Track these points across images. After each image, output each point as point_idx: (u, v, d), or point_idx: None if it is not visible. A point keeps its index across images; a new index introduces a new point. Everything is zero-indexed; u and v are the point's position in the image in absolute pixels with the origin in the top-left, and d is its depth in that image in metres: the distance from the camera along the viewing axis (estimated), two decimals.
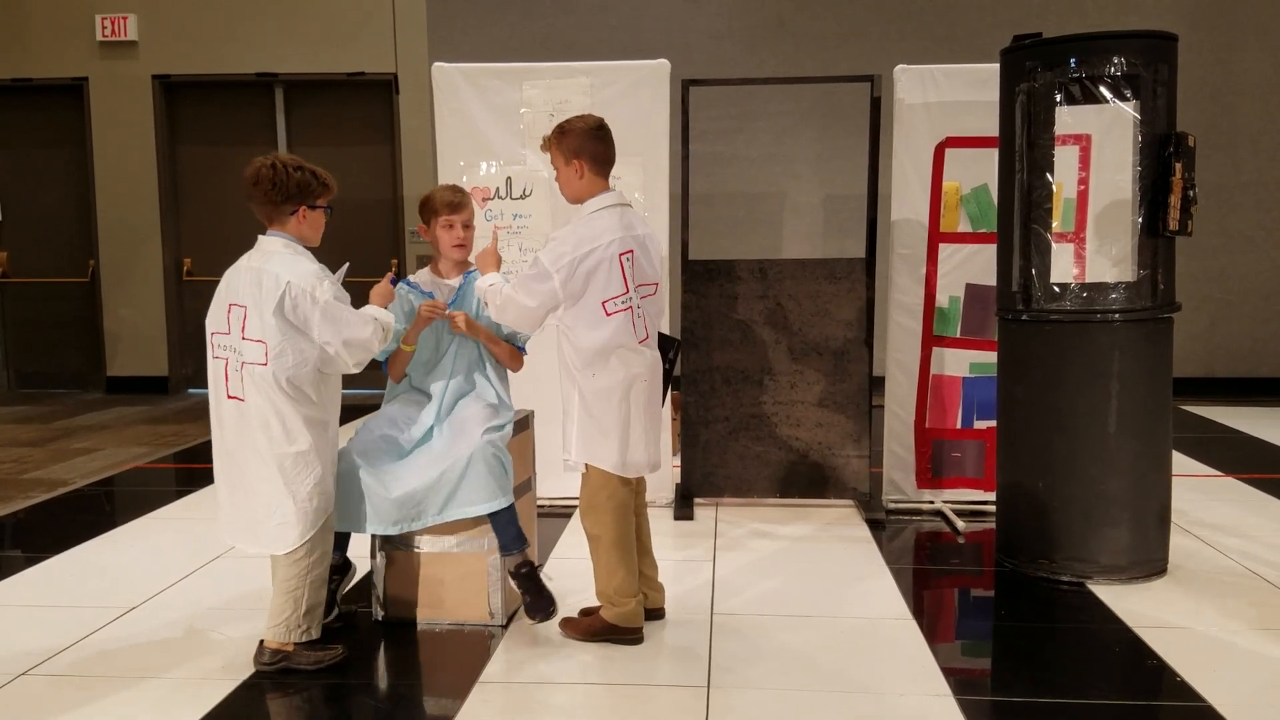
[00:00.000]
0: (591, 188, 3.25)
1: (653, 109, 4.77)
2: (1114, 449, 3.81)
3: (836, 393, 4.94)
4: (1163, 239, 3.79)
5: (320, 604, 3.17)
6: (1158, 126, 3.77)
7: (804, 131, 8.18)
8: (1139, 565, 3.88)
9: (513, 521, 3.38)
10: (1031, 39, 3.88)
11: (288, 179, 3.04)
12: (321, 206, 3.16)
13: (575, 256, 3.14)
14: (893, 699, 2.93)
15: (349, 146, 8.78)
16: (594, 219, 3.22)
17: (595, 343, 3.19)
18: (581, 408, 3.25)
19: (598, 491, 3.29)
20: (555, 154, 3.26)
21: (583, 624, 3.38)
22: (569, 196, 3.31)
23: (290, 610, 3.09)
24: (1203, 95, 7.94)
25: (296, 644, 3.11)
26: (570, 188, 3.28)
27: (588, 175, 3.24)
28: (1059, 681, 3.06)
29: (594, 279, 3.15)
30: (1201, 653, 3.22)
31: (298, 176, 3.06)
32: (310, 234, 3.17)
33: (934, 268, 4.79)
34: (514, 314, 3.27)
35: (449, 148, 4.93)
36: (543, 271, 3.16)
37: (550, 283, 3.15)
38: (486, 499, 3.32)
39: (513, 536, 3.38)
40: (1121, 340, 3.79)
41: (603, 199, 3.25)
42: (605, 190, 3.27)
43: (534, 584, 3.35)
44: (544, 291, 3.17)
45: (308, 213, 3.12)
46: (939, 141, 4.72)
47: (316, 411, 3.07)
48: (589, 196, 3.26)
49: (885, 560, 4.21)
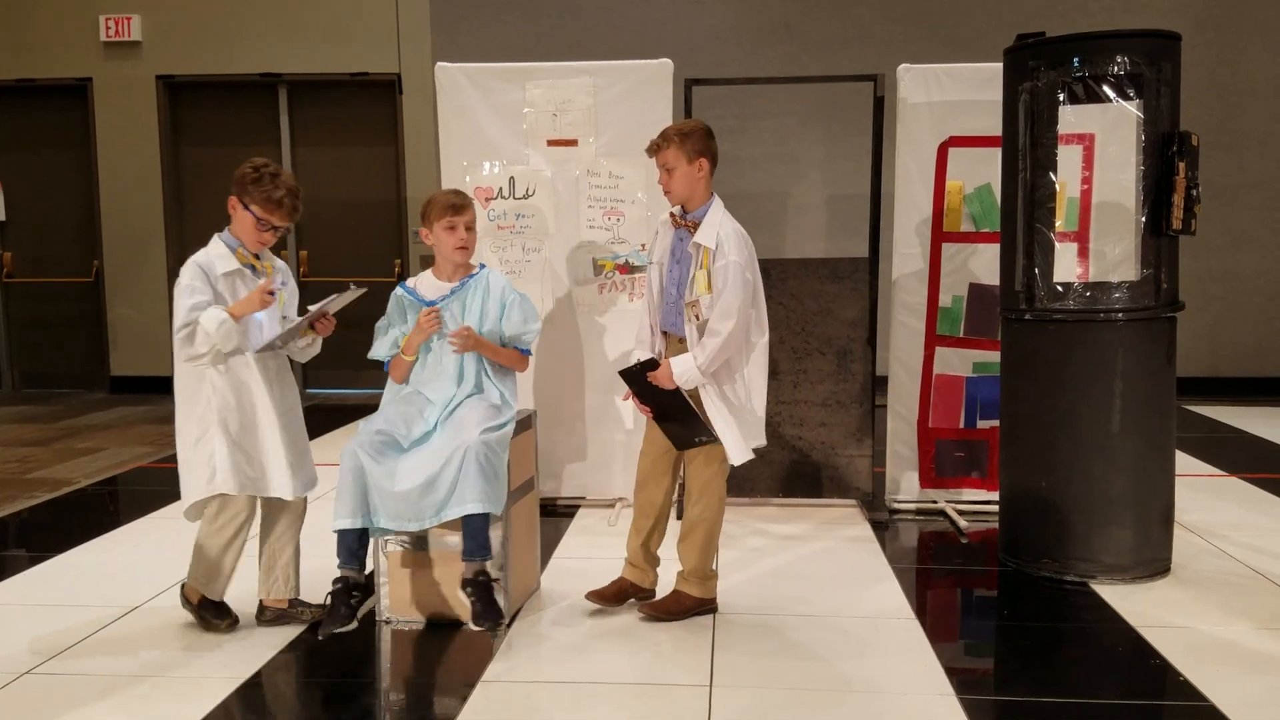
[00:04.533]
0: (708, 188, 3.44)
1: (656, 108, 4.76)
2: (1117, 448, 3.81)
3: (840, 392, 4.94)
4: (1166, 238, 3.78)
5: (218, 575, 3.42)
6: (1161, 126, 3.76)
7: (808, 131, 8.17)
8: (1142, 565, 3.87)
9: (484, 529, 3.32)
10: (1035, 38, 3.87)
11: (240, 170, 3.30)
12: (253, 211, 3.31)
13: (751, 250, 3.41)
14: (896, 698, 2.92)
15: (352, 147, 8.79)
16: (728, 215, 3.44)
17: (762, 330, 3.44)
18: (739, 391, 3.41)
19: (716, 477, 3.50)
20: (675, 154, 3.38)
21: (667, 604, 3.54)
22: (683, 194, 3.43)
23: (194, 561, 3.43)
24: (1209, 95, 7.92)
25: (202, 597, 3.44)
26: (689, 185, 3.41)
27: (707, 175, 3.42)
28: (1062, 681, 3.06)
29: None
30: (1205, 653, 3.21)
31: (245, 169, 3.29)
32: (240, 229, 3.37)
33: (937, 267, 4.79)
34: (741, 325, 3.35)
35: (452, 148, 4.94)
36: (743, 265, 3.35)
37: (748, 274, 3.37)
38: (466, 500, 3.26)
39: (479, 544, 3.32)
40: (1125, 339, 3.79)
41: (717, 200, 3.47)
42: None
43: (486, 594, 3.29)
44: (750, 284, 3.38)
45: (236, 204, 3.33)
46: (942, 141, 4.71)
47: (218, 387, 3.34)
48: (705, 196, 3.43)
49: (888, 560, 4.20)
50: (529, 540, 3.80)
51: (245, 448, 3.36)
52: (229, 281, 3.35)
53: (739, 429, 3.39)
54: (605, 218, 4.88)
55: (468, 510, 3.27)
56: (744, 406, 3.42)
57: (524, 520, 3.71)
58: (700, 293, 3.33)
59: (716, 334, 3.29)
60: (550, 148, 4.90)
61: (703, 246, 3.35)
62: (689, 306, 3.37)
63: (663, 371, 3.36)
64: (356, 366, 7.47)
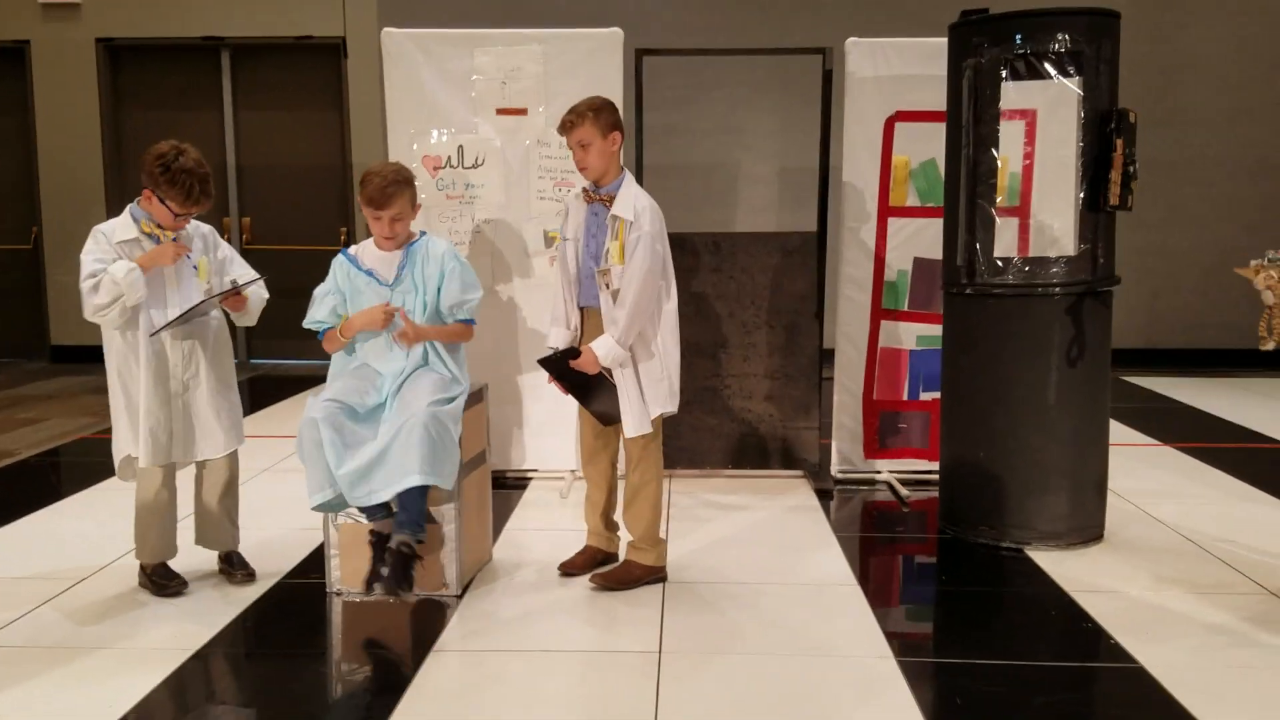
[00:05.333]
0: (620, 162, 3.50)
1: (606, 78, 4.75)
2: (1053, 420, 3.92)
3: (788, 365, 5.00)
4: (1103, 214, 3.87)
5: (144, 540, 3.51)
6: (1100, 103, 3.84)
7: (759, 103, 8.20)
8: (1076, 532, 4.00)
9: (419, 501, 3.31)
10: (978, 15, 3.93)
11: (146, 163, 3.37)
12: (169, 206, 3.35)
13: (662, 222, 3.46)
14: (838, 661, 3.01)
15: (296, 110, 8.66)
16: (640, 189, 3.51)
17: (670, 296, 3.50)
18: (654, 362, 3.47)
19: (651, 441, 3.54)
20: (590, 129, 3.40)
21: (619, 574, 3.60)
22: (599, 169, 3.46)
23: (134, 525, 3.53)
24: (1149, 70, 8.06)
25: (152, 563, 3.53)
26: (605, 160, 3.45)
27: (620, 149, 3.47)
28: (997, 644, 3.16)
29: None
30: (1135, 616, 3.33)
31: (151, 164, 3.35)
32: (155, 212, 3.41)
33: (883, 242, 4.85)
34: (649, 292, 3.40)
35: (399, 114, 4.89)
36: (655, 236, 3.40)
37: (659, 245, 3.43)
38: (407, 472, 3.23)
39: (413, 516, 3.31)
40: (1062, 313, 3.88)
41: (629, 174, 3.52)
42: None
43: (404, 565, 3.28)
44: (661, 255, 3.43)
45: (150, 195, 3.38)
46: (889, 115, 4.76)
47: (115, 354, 3.42)
48: (618, 170, 3.49)
49: (833, 529, 4.29)
50: (481, 512, 3.83)
51: (156, 413, 3.40)
52: (126, 249, 3.38)
53: (645, 399, 3.46)
54: (556, 188, 4.88)
55: (408, 483, 3.24)
56: (658, 376, 3.48)
57: (476, 493, 3.74)
58: (613, 262, 3.41)
59: (624, 304, 3.36)
60: (499, 116, 4.87)
61: (620, 218, 3.41)
62: (600, 274, 3.44)
63: (586, 358, 3.41)
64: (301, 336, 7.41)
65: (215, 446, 3.53)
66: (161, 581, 3.54)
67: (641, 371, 3.46)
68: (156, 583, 3.54)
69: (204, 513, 3.65)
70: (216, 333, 3.56)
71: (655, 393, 3.48)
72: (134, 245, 3.38)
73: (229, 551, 3.69)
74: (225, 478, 3.63)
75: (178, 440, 3.46)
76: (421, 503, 3.34)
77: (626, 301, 3.37)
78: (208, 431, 3.51)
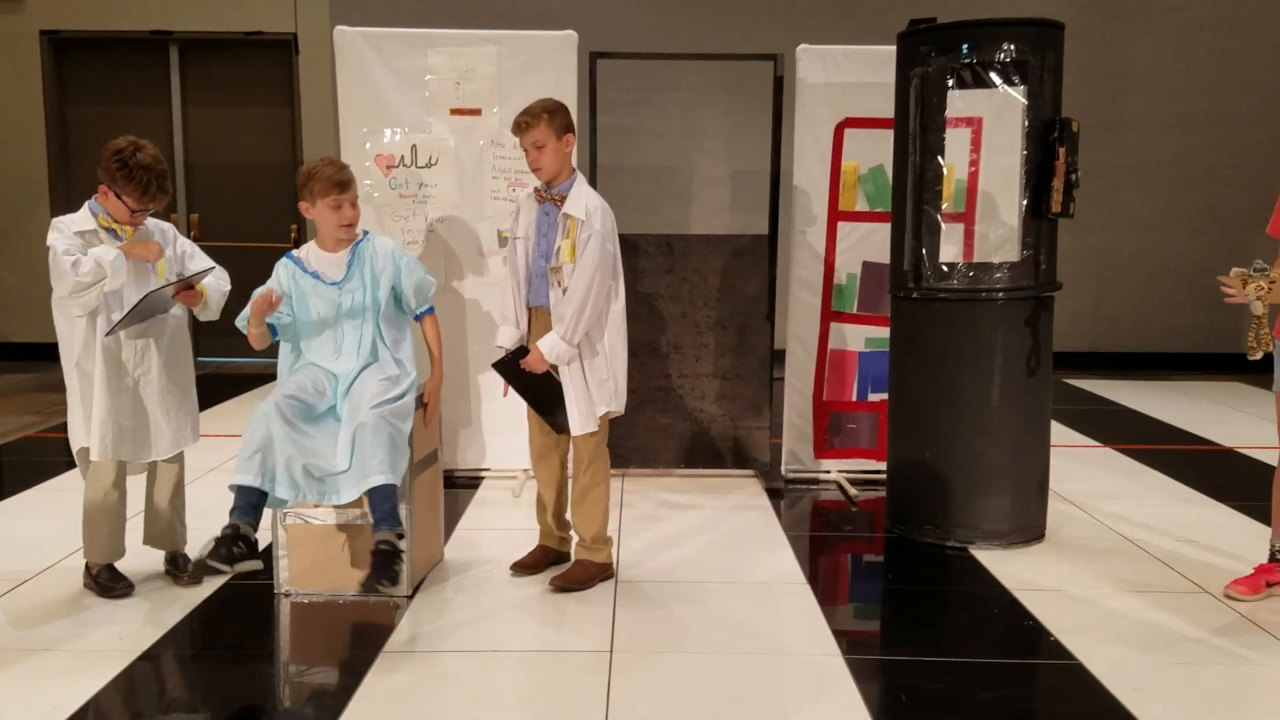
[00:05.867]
0: (572, 163, 3.54)
1: (560, 80, 4.77)
2: (996, 422, 4.00)
3: (740, 366, 5.05)
4: (1046, 221, 3.96)
5: (93, 540, 3.47)
6: (1044, 112, 3.93)
7: (713, 106, 8.25)
8: (1019, 531, 4.08)
9: (388, 499, 3.30)
10: (926, 24, 4.00)
11: (103, 159, 3.31)
12: (126, 202, 3.33)
13: (613, 223, 3.51)
14: (787, 659, 3.05)
15: (246, 107, 8.57)
16: (591, 189, 3.55)
17: (619, 297, 3.54)
18: (599, 361, 3.51)
19: (600, 442, 3.59)
20: (545, 131, 3.44)
21: (576, 574, 3.62)
22: (552, 169, 3.49)
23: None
24: (1095, 79, 8.24)
25: (100, 565, 3.50)
26: (559, 161, 3.49)
27: (573, 150, 3.52)
28: (942, 641, 3.23)
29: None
30: (1075, 614, 3.41)
31: (108, 159, 3.30)
32: (112, 209, 3.36)
33: (833, 245, 4.92)
34: (598, 290, 3.43)
35: (351, 113, 4.86)
36: (605, 236, 3.44)
37: (609, 244, 3.47)
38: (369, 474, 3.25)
39: (385, 514, 3.29)
40: (1005, 318, 3.97)
41: (580, 174, 3.56)
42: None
43: (384, 562, 3.23)
44: (611, 254, 3.47)
45: (107, 192, 3.34)
46: (839, 121, 4.83)
47: (74, 346, 3.37)
48: (569, 171, 3.53)
49: (783, 528, 4.34)
50: (433, 511, 3.83)
51: (109, 406, 3.37)
52: (85, 240, 3.35)
53: (590, 399, 3.50)
54: (510, 189, 4.88)
55: (371, 484, 3.26)
56: (604, 376, 3.52)
57: (428, 491, 3.74)
58: (565, 260, 3.44)
59: (572, 300, 3.40)
60: (453, 116, 4.87)
61: (571, 217, 3.45)
62: (552, 272, 3.47)
63: (533, 355, 3.45)
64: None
65: (164, 447, 3.50)
66: (108, 584, 3.50)
67: (587, 370, 3.50)
68: (103, 585, 3.50)
69: (153, 513, 3.62)
70: (174, 332, 3.52)
71: (601, 392, 3.52)
72: (92, 236, 3.36)
73: (175, 553, 3.66)
74: (176, 478, 3.61)
75: (130, 436, 3.42)
76: (391, 500, 3.32)
77: (574, 298, 3.39)
78: (159, 431, 3.48)
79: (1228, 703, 2.79)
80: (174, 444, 3.52)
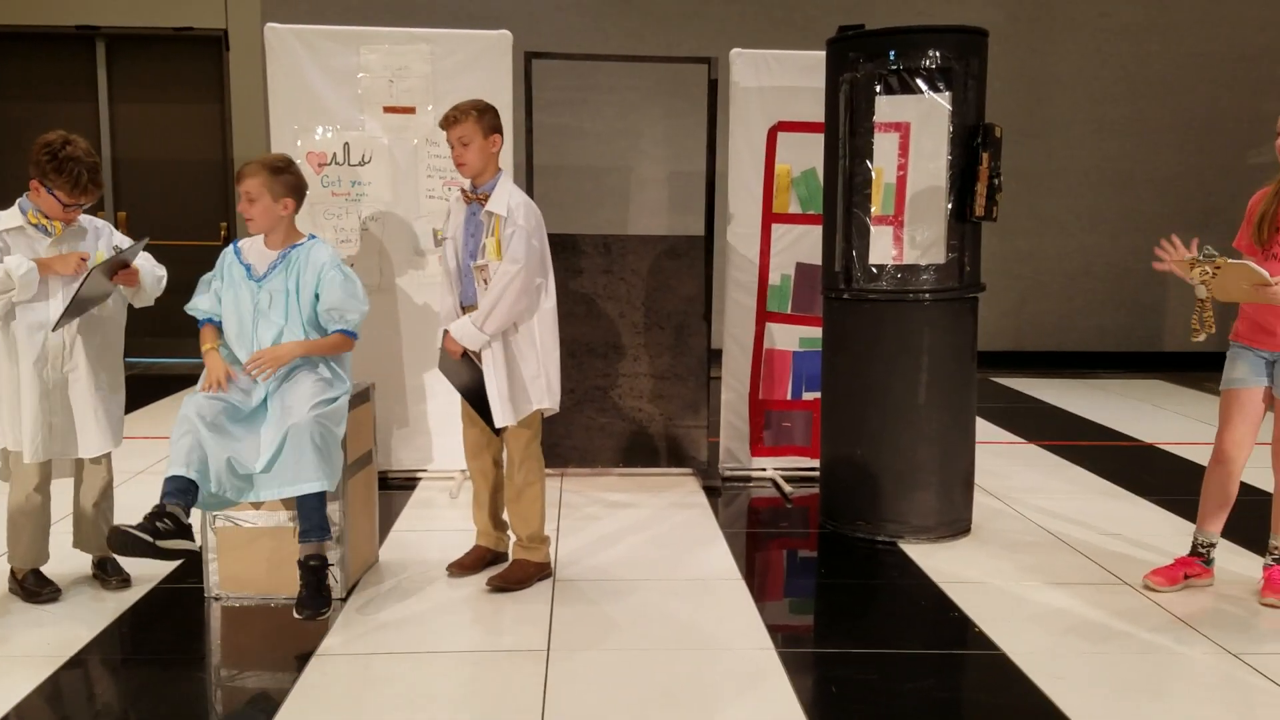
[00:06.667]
0: (498, 163, 3.55)
1: (495, 79, 4.77)
2: (923, 419, 4.10)
3: (677, 365, 5.10)
4: (970, 224, 4.07)
5: (16, 545, 3.42)
6: (968, 117, 4.03)
7: (650, 107, 8.30)
8: (945, 526, 4.19)
9: (319, 509, 3.28)
10: (855, 30, 4.08)
11: (34, 153, 3.28)
12: (58, 197, 3.29)
13: (539, 220, 3.53)
14: (722, 654, 3.10)
15: (175, 104, 8.41)
16: (516, 187, 3.56)
17: (549, 294, 3.56)
18: (531, 357, 3.53)
19: (533, 440, 3.63)
20: (473, 128, 3.45)
21: (513, 574, 3.63)
22: (477, 167, 3.50)
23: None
24: (1020, 85, 8.43)
25: (25, 570, 3.46)
26: (484, 160, 3.50)
27: (499, 150, 3.54)
28: (872, 633, 3.30)
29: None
30: (999, 606, 3.51)
31: (39, 154, 3.26)
32: (44, 205, 3.33)
33: (767, 247, 4.99)
34: (521, 284, 3.44)
35: (282, 110, 4.82)
36: (529, 232, 3.45)
37: (534, 240, 3.48)
38: (302, 479, 3.22)
39: (315, 524, 3.27)
40: (931, 319, 4.07)
41: (505, 174, 3.58)
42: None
43: (314, 580, 3.22)
44: (537, 250, 3.49)
45: (39, 187, 3.30)
46: (772, 125, 4.90)
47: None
48: (495, 170, 3.54)
49: (720, 525, 4.40)
50: (367, 513, 3.81)
51: (34, 405, 3.31)
52: (10, 238, 3.31)
53: (514, 392, 3.51)
54: (445, 188, 4.87)
55: (302, 489, 3.22)
56: (534, 373, 3.55)
57: (361, 493, 3.72)
58: (490, 258, 3.46)
59: (491, 291, 3.42)
60: (387, 114, 4.85)
61: (494, 214, 3.47)
62: (478, 270, 3.50)
63: (447, 338, 3.51)
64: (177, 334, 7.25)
65: (90, 445, 3.43)
66: (33, 589, 3.44)
67: (521, 366, 3.52)
68: (28, 590, 3.44)
69: (81, 515, 3.57)
70: (105, 330, 3.46)
71: (534, 389, 3.54)
72: (18, 234, 3.31)
73: (103, 557, 3.60)
74: (103, 481, 3.55)
75: (56, 435, 3.36)
76: (322, 509, 3.30)
77: (494, 289, 3.42)
78: (85, 429, 3.41)
79: (1146, 691, 2.90)
80: (100, 444, 3.46)
